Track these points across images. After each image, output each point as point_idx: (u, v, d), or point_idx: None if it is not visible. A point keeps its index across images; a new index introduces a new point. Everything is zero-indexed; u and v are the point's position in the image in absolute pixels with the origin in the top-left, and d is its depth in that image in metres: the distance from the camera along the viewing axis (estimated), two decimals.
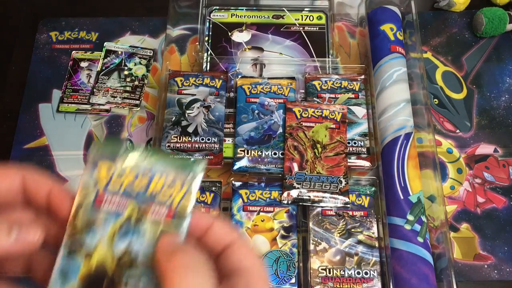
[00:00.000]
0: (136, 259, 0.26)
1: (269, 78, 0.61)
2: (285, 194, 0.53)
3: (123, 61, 0.66)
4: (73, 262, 0.26)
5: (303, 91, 0.61)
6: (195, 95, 0.59)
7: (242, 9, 0.67)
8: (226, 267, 0.26)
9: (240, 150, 0.56)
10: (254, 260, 0.26)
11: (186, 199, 0.26)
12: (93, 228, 0.26)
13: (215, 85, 0.60)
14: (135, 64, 0.66)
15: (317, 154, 0.55)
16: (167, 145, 0.56)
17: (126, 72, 0.66)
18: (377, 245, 0.51)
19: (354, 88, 0.60)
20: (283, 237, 0.52)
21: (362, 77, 0.61)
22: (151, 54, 0.67)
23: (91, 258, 0.26)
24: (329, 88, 0.60)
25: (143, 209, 0.26)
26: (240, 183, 0.55)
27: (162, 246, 0.25)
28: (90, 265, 0.26)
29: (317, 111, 0.57)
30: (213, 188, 0.54)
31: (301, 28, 0.66)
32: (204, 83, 0.60)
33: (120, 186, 0.26)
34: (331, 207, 0.53)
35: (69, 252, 0.26)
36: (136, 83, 0.65)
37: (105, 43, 0.68)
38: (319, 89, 0.60)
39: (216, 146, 0.56)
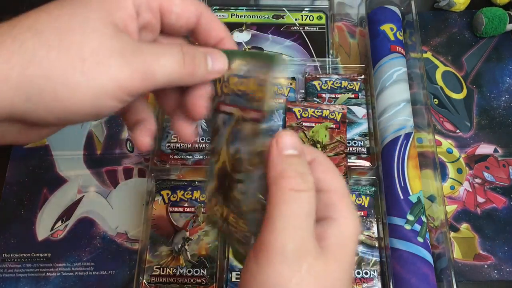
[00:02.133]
0: (243, 159, 0.28)
1: None
2: None
3: None
4: (211, 164, 0.30)
5: (303, 91, 0.61)
6: None
7: (242, 9, 0.67)
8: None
9: None
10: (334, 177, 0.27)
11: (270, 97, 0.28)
12: (220, 132, 0.29)
13: None
14: None
15: None
16: (167, 145, 0.56)
17: None
18: (377, 245, 0.51)
19: (354, 88, 0.60)
20: None
21: (362, 77, 0.61)
22: None
23: (219, 159, 0.29)
24: (329, 88, 0.60)
25: (242, 112, 0.28)
26: None
27: (272, 153, 0.26)
28: (218, 165, 0.29)
29: (317, 111, 0.57)
30: None
31: (301, 28, 0.66)
32: None
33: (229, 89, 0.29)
34: None
35: (211, 156, 0.30)
36: None
37: None
38: (319, 89, 0.60)
39: None
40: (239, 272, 0.50)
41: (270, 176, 0.25)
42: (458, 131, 0.61)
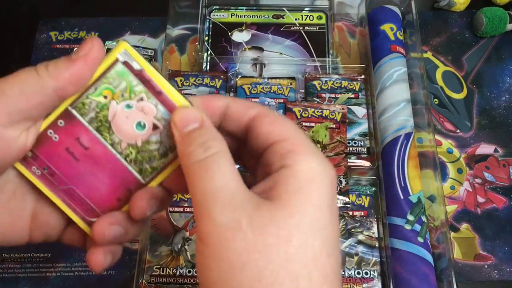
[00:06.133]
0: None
1: (269, 78, 0.61)
2: None
3: None
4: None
5: (303, 91, 0.61)
6: (195, 95, 0.59)
7: (242, 9, 0.67)
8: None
9: None
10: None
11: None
12: None
13: (215, 85, 0.60)
14: None
15: None
16: None
17: None
18: (377, 245, 0.51)
19: (354, 88, 0.60)
20: None
21: (362, 77, 0.61)
22: (152, 54, 0.67)
23: None
24: (329, 88, 0.60)
25: None
26: None
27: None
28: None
29: (317, 111, 0.57)
30: None
31: (301, 28, 0.66)
32: (204, 83, 0.60)
33: None
34: None
35: None
36: None
37: (106, 43, 0.68)
38: (319, 89, 0.60)
39: None
40: None
41: (179, 160, 0.25)
42: (458, 131, 0.61)
